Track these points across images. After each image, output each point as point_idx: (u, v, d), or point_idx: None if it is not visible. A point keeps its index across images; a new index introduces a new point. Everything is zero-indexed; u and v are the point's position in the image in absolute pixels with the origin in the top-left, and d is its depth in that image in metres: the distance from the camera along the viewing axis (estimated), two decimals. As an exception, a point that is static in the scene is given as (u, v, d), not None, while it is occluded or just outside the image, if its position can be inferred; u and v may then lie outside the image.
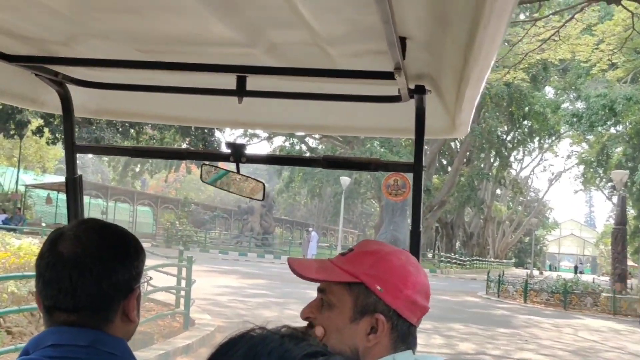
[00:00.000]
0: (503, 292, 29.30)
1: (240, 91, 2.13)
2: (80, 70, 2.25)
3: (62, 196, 47.99)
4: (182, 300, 13.09)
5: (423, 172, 2.20)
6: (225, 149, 2.25)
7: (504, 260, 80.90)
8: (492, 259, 74.34)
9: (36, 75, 2.15)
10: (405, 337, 1.57)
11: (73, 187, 2.33)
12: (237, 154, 2.22)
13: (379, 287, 1.53)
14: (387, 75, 1.77)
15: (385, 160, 2.44)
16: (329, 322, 1.55)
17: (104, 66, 2.12)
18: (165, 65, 2.02)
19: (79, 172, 2.38)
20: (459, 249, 68.67)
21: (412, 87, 2.01)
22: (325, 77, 2.07)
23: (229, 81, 2.11)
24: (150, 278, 12.55)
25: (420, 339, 1.63)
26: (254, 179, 2.42)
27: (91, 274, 1.49)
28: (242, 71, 2.07)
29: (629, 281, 28.63)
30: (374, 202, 66.66)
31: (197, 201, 65.67)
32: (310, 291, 1.61)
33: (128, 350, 1.56)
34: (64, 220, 46.89)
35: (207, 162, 2.44)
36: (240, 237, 55.31)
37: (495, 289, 29.95)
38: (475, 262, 62.74)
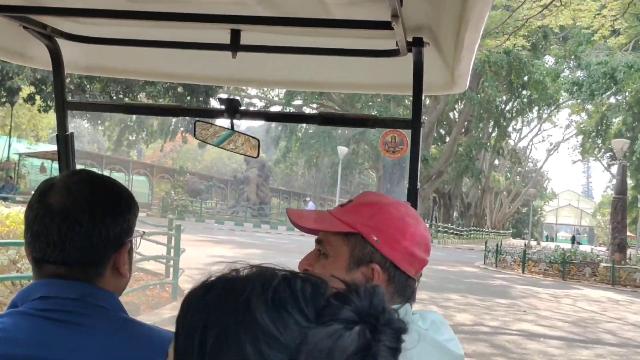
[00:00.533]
0: (501, 263, 28.98)
1: (235, 46, 2.11)
2: (70, 24, 2.20)
3: (56, 165, 47.60)
4: (171, 270, 12.72)
5: (421, 130, 2.20)
6: (219, 105, 2.23)
7: (502, 231, 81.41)
8: (490, 230, 74.85)
9: (24, 28, 2.09)
10: (403, 289, 1.57)
11: (64, 144, 2.31)
12: (232, 110, 2.19)
13: (375, 238, 1.54)
14: (384, 25, 1.73)
15: (383, 116, 2.47)
16: (325, 272, 1.53)
17: (93, 16, 2.03)
18: (157, 16, 1.93)
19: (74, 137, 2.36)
20: (456, 219, 68.87)
21: (409, 39, 1.98)
22: (321, 27, 2.01)
23: (222, 35, 2.09)
24: (144, 232, 12.13)
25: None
26: (249, 136, 2.38)
27: (81, 227, 1.47)
28: (235, 22, 2.03)
29: (627, 251, 28.42)
30: (371, 172, 66.36)
31: (193, 171, 65.34)
32: None
33: (119, 303, 1.54)
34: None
35: (200, 119, 2.40)
36: (236, 207, 55.06)
37: (493, 259, 29.65)
38: (472, 232, 62.93)
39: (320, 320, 0.76)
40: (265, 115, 2.74)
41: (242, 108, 2.23)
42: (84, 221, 1.48)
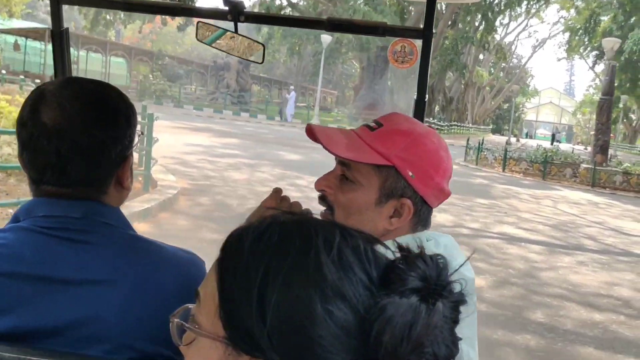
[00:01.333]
0: (482, 160, 28.63)
1: None
2: None
3: (31, 43, 46.38)
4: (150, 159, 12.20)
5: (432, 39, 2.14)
6: (222, 6, 2.13)
7: (482, 127, 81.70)
8: (470, 125, 74.90)
9: None
10: (425, 221, 1.57)
11: (59, 40, 2.21)
12: (236, 12, 2.11)
13: (410, 173, 1.50)
14: None
15: (394, 24, 2.43)
16: (350, 201, 1.53)
17: None
18: None
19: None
20: (437, 113, 68.53)
21: None
22: None
23: None
24: (142, 133, 11.67)
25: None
26: (254, 40, 2.30)
27: (80, 148, 1.41)
28: None
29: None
30: (354, 62, 65.36)
31: (172, 54, 63.74)
32: (284, 153, 1.03)
33: (123, 218, 1.52)
34: (33, 69, 45.57)
35: (203, 20, 2.28)
36: (215, 93, 53.99)
37: (474, 157, 29.35)
38: (453, 127, 62.79)
39: (389, 287, 0.75)
40: (270, 18, 2.68)
41: (247, 10, 2.12)
42: (83, 142, 1.42)
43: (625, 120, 72.12)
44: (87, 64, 52.75)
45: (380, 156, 1.49)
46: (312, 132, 1.57)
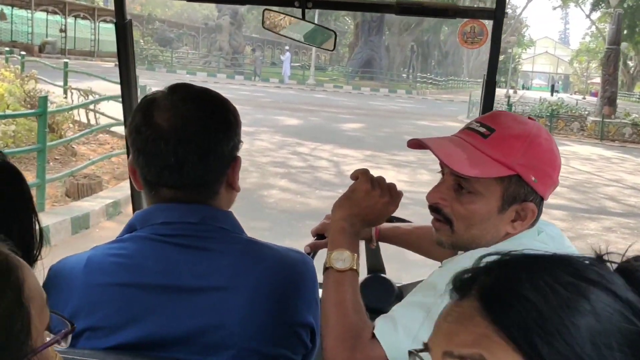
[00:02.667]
0: None
1: None
2: None
3: (18, 12, 45.29)
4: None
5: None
6: None
7: (478, 80, 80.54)
8: (467, 78, 74.41)
9: None
10: (539, 216, 1.56)
11: (124, 32, 2.25)
12: None
13: (533, 178, 1.49)
14: None
15: (464, 6, 2.47)
16: (472, 213, 1.51)
17: None
18: None
19: None
20: (433, 68, 67.85)
21: None
22: None
23: None
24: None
25: (406, 174, 1.64)
26: (324, 27, 2.34)
27: (197, 147, 1.45)
28: None
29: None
30: (347, 19, 64.10)
31: (163, 18, 62.45)
32: (282, 118, 1.17)
33: (236, 222, 1.55)
34: (21, 38, 44.47)
35: (269, 7, 2.24)
36: (208, 57, 52.93)
37: (477, 113, 28.47)
38: (450, 81, 62.10)
39: None
40: (338, 4, 2.61)
41: None
42: (199, 141, 1.45)
43: (623, 67, 71.21)
44: (75, 31, 51.65)
45: (503, 167, 1.47)
46: (418, 143, 1.53)
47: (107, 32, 55.96)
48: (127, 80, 2.37)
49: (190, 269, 1.44)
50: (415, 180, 12.56)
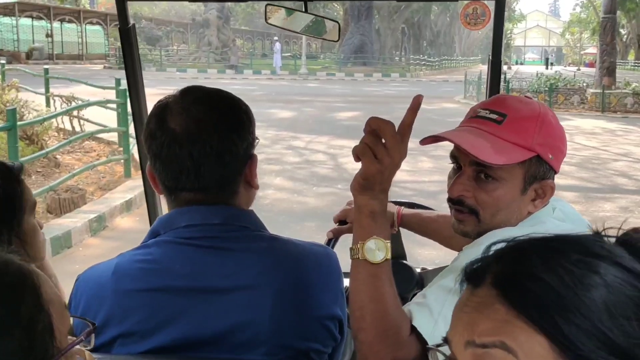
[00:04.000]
0: (483, 96, 27.14)
1: None
2: None
3: (3, 19, 44.72)
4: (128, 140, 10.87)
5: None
6: None
7: (471, 58, 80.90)
8: (460, 57, 74.21)
9: None
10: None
11: (127, 37, 2.29)
12: None
13: (550, 156, 1.52)
14: None
15: None
16: (498, 199, 1.53)
17: None
18: None
19: None
20: (425, 49, 67.50)
21: None
22: None
23: None
24: (258, 140, 10.29)
25: (407, 163, 1.55)
26: (327, 18, 2.33)
27: (212, 149, 1.46)
28: None
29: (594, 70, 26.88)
30: (335, 5, 63.49)
31: (149, 16, 61.84)
32: (275, 111, 1.62)
33: (258, 221, 1.57)
34: (8, 45, 43.83)
35: (271, 2, 2.32)
36: (198, 52, 52.28)
37: (474, 92, 27.95)
38: (443, 61, 61.73)
39: None
40: None
41: None
42: (213, 143, 1.46)
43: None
44: (62, 35, 51.10)
45: (525, 150, 1.50)
46: (434, 139, 1.53)
47: (94, 34, 55.53)
48: (135, 83, 2.37)
49: (217, 270, 1.46)
50: (416, 168, 12.05)
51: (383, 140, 1.37)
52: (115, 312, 1.45)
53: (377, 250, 1.43)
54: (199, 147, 1.45)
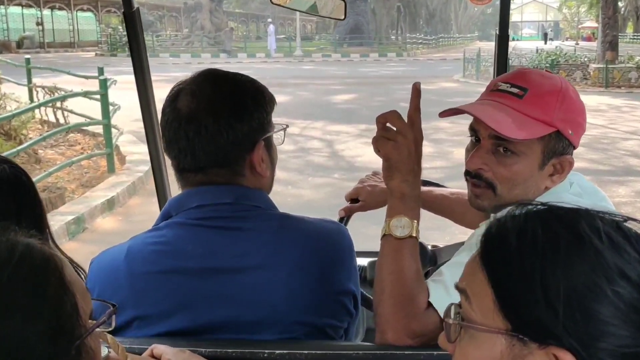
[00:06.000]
0: (483, 74, 26.13)
1: None
2: None
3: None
4: (113, 132, 10.22)
5: None
6: None
7: (468, 35, 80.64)
8: (457, 35, 73.92)
9: None
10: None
11: (132, 21, 2.27)
12: None
13: (570, 131, 1.52)
14: None
15: None
16: (516, 174, 1.53)
17: None
18: None
19: None
20: (422, 27, 67.03)
21: None
22: None
23: None
24: (287, 126, 9.87)
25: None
26: None
27: (206, 130, 1.46)
28: None
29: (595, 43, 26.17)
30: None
31: (142, 1, 60.93)
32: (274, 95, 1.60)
33: (270, 201, 1.57)
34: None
35: None
36: (190, 37, 51.51)
37: (473, 71, 27.23)
38: (440, 39, 61.19)
39: None
40: None
41: None
42: (208, 124, 1.46)
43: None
44: (53, 23, 50.38)
45: (545, 125, 1.50)
46: (454, 111, 1.55)
47: (86, 21, 54.79)
48: (140, 68, 2.34)
49: (229, 250, 1.46)
50: (417, 153, 11.47)
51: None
52: (130, 295, 1.45)
53: (402, 227, 1.47)
54: (194, 128, 1.46)
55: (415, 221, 1.49)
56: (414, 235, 1.48)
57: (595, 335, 0.78)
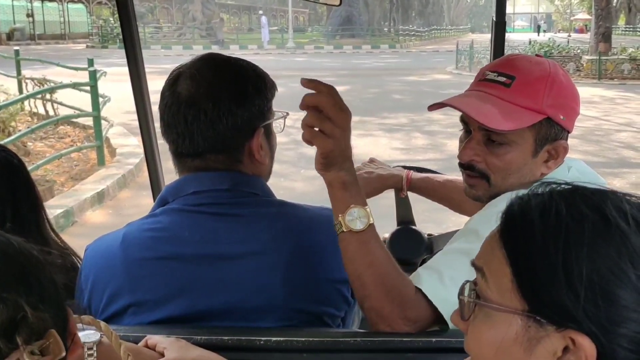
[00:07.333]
0: (476, 66, 26.01)
1: None
2: None
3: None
4: (103, 124, 10.10)
5: None
6: None
7: (461, 27, 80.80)
8: (449, 27, 74.05)
9: None
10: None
11: (125, 9, 2.25)
12: None
13: (562, 117, 1.50)
14: None
15: None
16: (509, 163, 1.51)
17: None
18: None
19: None
20: (414, 19, 67.10)
21: None
22: None
23: None
24: (287, 114, 9.65)
25: (399, 140, 1.64)
26: None
27: (205, 115, 1.45)
28: None
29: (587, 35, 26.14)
30: (322, -24, 62.68)
31: (133, -7, 60.66)
32: None
33: (267, 188, 1.57)
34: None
35: None
36: (182, 28, 51.25)
37: (466, 63, 27.15)
38: (433, 31, 61.17)
39: None
40: None
41: None
42: (208, 109, 1.45)
43: None
44: (43, 15, 50.03)
45: (534, 113, 1.47)
46: (441, 105, 1.52)
47: (77, 12, 54.44)
48: (134, 56, 2.32)
49: (226, 237, 1.45)
50: (410, 146, 11.43)
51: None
52: (125, 282, 1.44)
53: (358, 218, 1.40)
54: (193, 112, 1.44)
55: (367, 207, 1.42)
56: (372, 222, 1.41)
57: (616, 321, 0.76)
